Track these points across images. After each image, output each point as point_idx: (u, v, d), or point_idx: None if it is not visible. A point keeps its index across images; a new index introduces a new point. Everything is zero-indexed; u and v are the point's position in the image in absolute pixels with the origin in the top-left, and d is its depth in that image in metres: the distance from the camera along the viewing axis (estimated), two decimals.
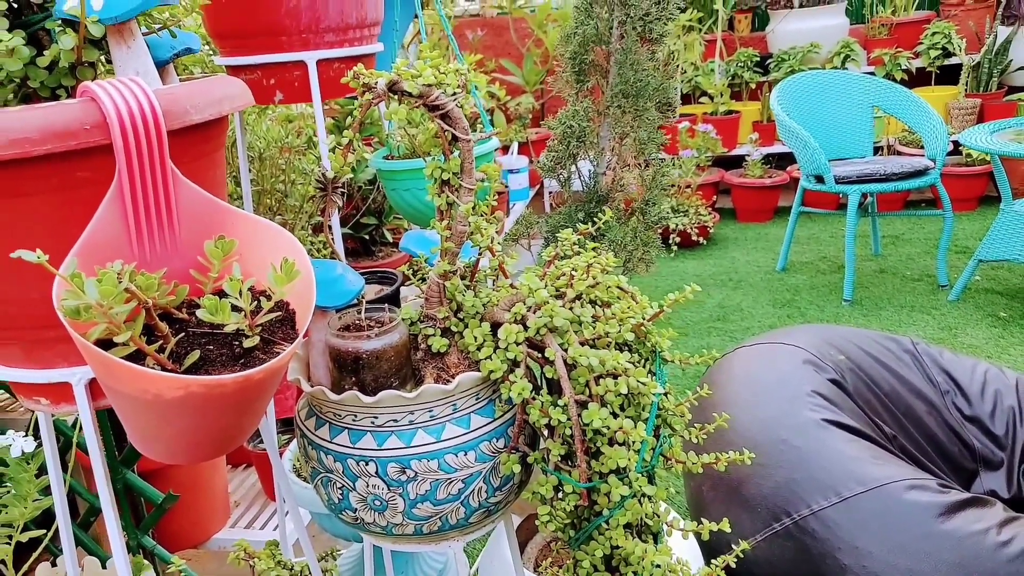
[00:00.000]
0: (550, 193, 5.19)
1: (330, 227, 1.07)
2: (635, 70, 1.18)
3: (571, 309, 0.96)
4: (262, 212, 2.05)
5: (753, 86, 4.88)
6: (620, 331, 0.95)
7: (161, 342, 0.73)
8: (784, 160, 4.75)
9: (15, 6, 0.79)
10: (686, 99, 5.02)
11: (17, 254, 0.64)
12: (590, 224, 1.17)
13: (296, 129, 2.16)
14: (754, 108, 4.86)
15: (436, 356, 1.01)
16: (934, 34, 4.48)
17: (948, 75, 4.64)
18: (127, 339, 0.68)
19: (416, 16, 1.48)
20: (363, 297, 1.03)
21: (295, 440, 1.69)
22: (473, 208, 0.95)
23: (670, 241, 3.78)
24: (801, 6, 4.68)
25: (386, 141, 1.40)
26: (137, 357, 0.72)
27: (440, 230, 0.96)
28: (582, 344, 0.95)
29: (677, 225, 3.81)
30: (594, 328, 0.95)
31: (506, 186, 4.44)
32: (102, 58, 0.83)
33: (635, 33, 1.20)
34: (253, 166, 2.01)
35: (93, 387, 0.85)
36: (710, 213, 4.10)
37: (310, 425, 1.02)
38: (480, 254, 1.02)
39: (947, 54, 4.49)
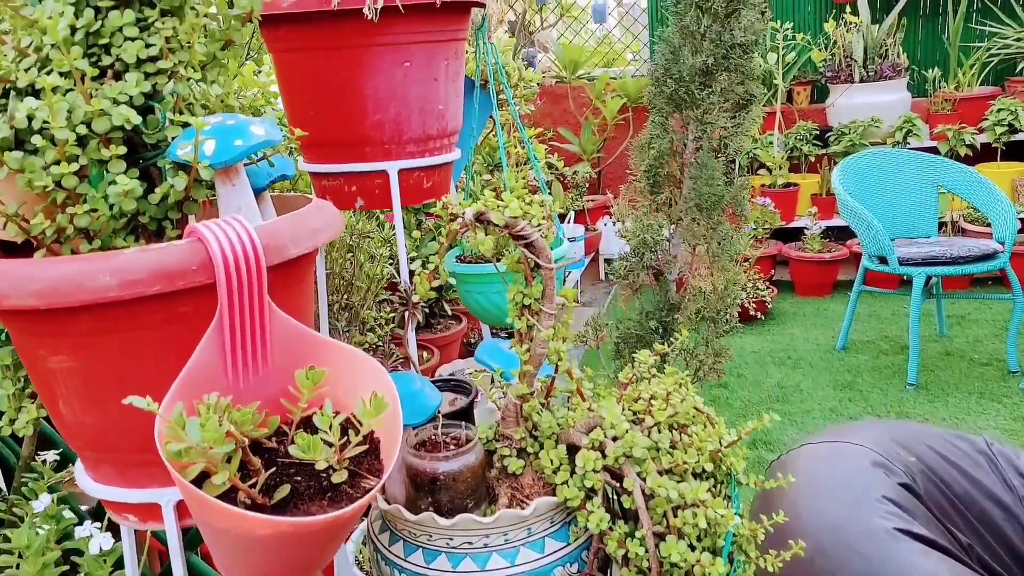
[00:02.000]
0: (605, 261, 5.20)
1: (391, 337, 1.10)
2: (710, 184, 1.19)
3: (649, 435, 0.95)
4: (330, 292, 2.10)
5: (812, 159, 4.85)
6: (699, 461, 0.94)
7: (253, 479, 0.75)
8: (843, 233, 4.69)
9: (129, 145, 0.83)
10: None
11: (129, 400, 0.67)
12: (663, 334, 1.17)
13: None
14: (813, 181, 4.83)
15: (511, 475, 1.01)
16: (999, 110, 4.42)
17: (1015, 151, 4.55)
18: (224, 479, 0.70)
19: (492, 116, 1.52)
20: (440, 412, 1.04)
21: (356, 531, 1.69)
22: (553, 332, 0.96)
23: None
24: (862, 81, 4.67)
25: (458, 241, 1.43)
26: (230, 489, 0.74)
27: (520, 353, 0.97)
28: (660, 473, 0.94)
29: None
30: (672, 456, 0.95)
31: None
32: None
33: (710, 148, 1.21)
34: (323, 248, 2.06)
35: (180, 507, 0.87)
36: (768, 287, 4.05)
37: (384, 539, 1.02)
38: (556, 373, 1.03)
39: (1013, 130, 4.41)
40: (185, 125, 0.84)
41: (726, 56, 1.13)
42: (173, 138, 0.83)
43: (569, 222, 4.80)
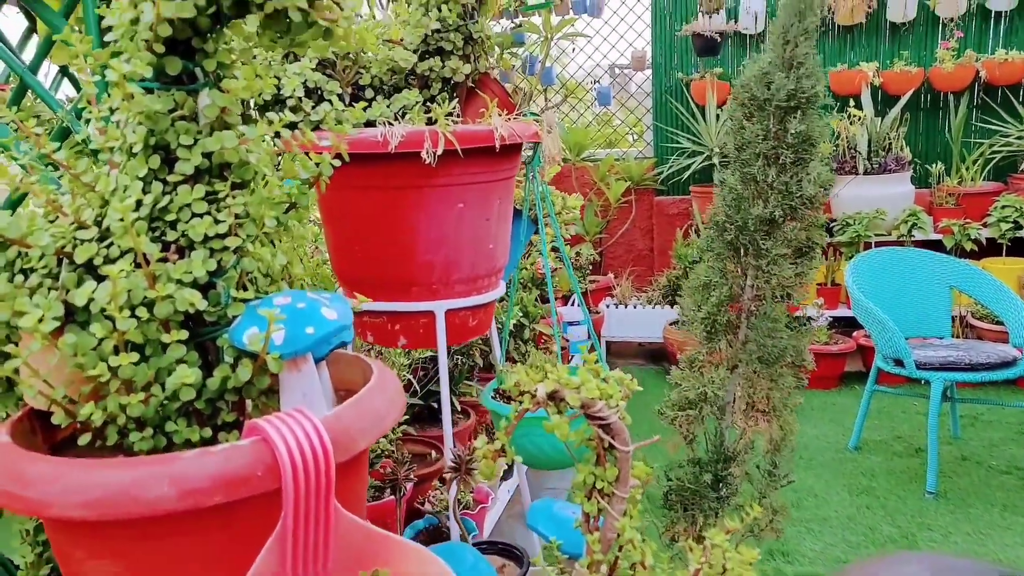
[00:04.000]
0: (607, 343, 5.14)
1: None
2: (772, 337, 1.15)
3: None
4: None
5: None
6: None
7: None
8: (850, 324, 4.66)
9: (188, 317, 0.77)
10: None
11: None
12: (715, 486, 1.10)
13: None
14: (818, 271, 4.82)
15: None
16: (1004, 207, 4.45)
17: (1020, 247, 4.58)
18: None
19: (536, 232, 1.48)
20: None
21: None
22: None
23: None
24: (866, 173, 4.71)
25: (498, 375, 1.37)
26: None
27: (591, 542, 0.90)
28: None
29: None
30: None
31: (567, 340, 4.40)
32: None
33: (772, 297, 1.17)
34: None
35: None
36: None
37: None
38: (619, 537, 0.96)
39: (1018, 226, 4.44)
40: (246, 300, 0.78)
41: (793, 208, 1.10)
42: (234, 316, 0.77)
43: (573, 304, 4.76)
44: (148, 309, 0.72)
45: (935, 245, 4.57)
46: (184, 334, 0.73)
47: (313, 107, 1.12)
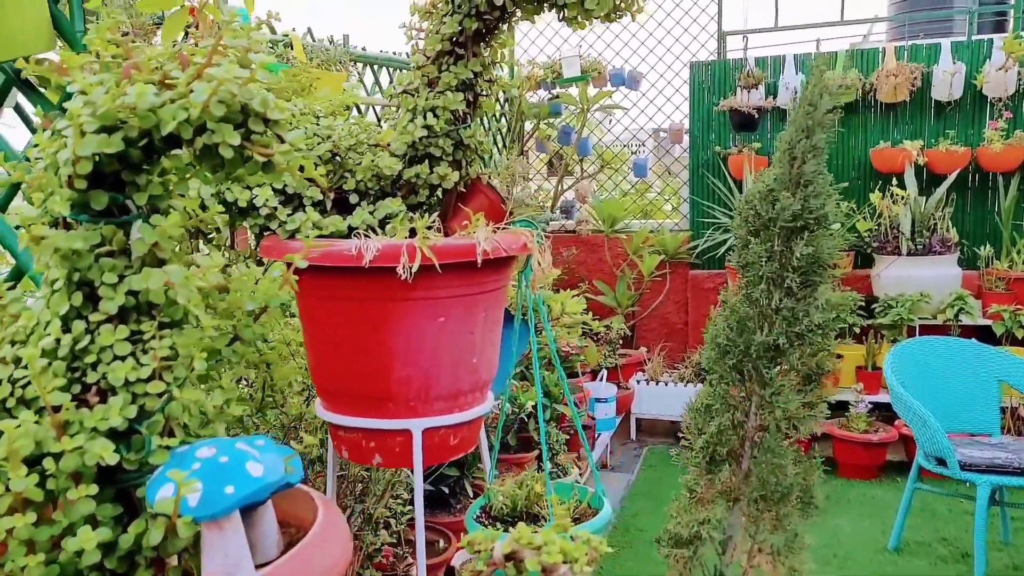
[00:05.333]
0: (637, 420, 5.00)
1: None
2: (776, 474, 1.05)
3: None
4: (343, 494, 1.94)
5: (857, 330, 4.68)
6: None
7: None
8: (892, 410, 4.44)
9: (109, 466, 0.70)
10: None
11: None
12: None
13: None
14: (858, 353, 4.64)
15: None
16: None
17: None
18: None
19: (529, 349, 1.41)
20: None
21: None
22: None
23: None
24: (910, 254, 4.55)
25: (487, 492, 1.28)
26: None
27: None
28: None
29: None
30: None
31: (593, 417, 4.27)
32: None
33: (777, 429, 1.08)
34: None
35: None
36: None
37: None
38: None
39: None
40: (171, 447, 0.72)
41: (800, 336, 1.02)
42: (157, 465, 0.71)
43: (602, 380, 4.63)
44: (57, 460, 0.66)
45: (984, 331, 4.37)
46: (94, 489, 0.67)
47: (289, 215, 1.07)
